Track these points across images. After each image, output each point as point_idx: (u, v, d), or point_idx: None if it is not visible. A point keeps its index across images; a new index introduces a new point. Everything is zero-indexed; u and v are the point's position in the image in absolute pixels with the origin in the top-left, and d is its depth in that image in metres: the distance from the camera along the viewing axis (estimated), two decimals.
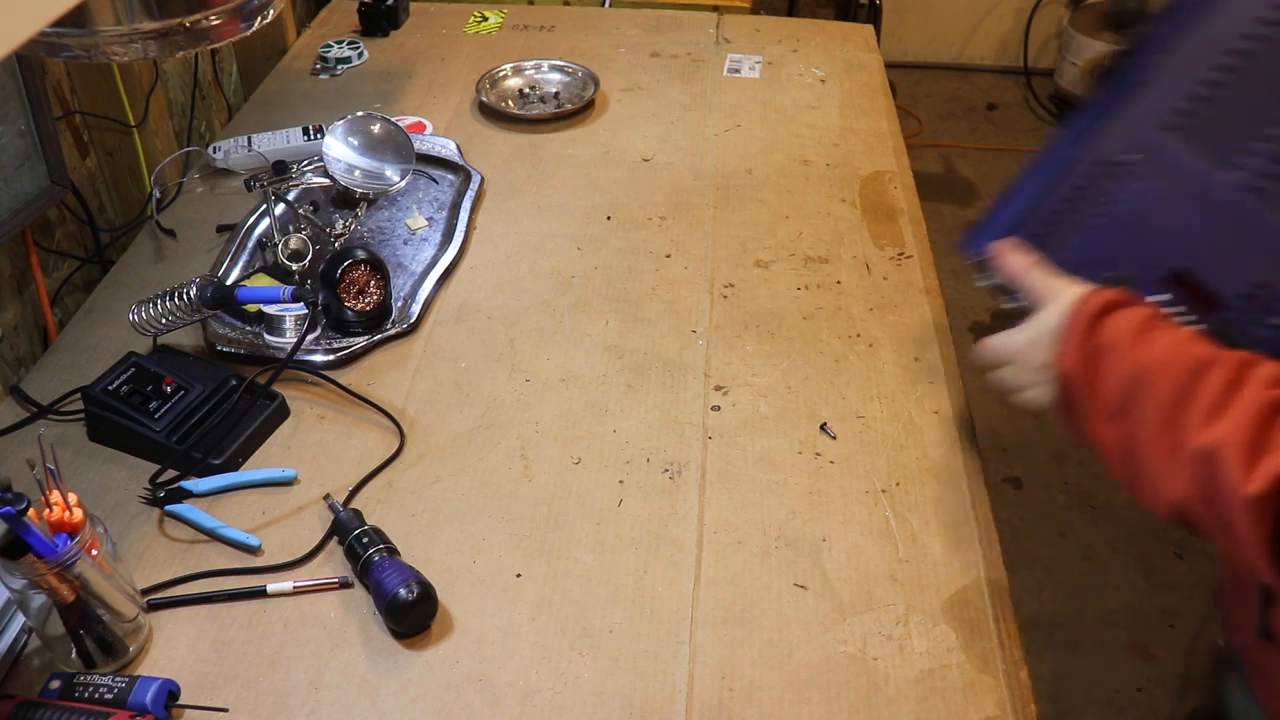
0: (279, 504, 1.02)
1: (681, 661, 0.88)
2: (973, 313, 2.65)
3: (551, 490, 1.02)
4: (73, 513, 0.83)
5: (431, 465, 1.05)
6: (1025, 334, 0.91)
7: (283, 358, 1.12)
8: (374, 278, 1.20)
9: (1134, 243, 0.92)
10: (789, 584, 0.93)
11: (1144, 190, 0.91)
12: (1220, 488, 0.75)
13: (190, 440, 1.04)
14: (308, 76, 1.74)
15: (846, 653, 0.88)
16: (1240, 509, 0.74)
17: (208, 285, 1.12)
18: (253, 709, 0.84)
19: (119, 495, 1.02)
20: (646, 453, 1.06)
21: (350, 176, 1.29)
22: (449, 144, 1.51)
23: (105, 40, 1.04)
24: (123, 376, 1.08)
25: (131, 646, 0.88)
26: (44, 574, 0.80)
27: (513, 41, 1.85)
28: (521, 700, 0.85)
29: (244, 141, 1.49)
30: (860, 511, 1.00)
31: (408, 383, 1.15)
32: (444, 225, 1.38)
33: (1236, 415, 0.76)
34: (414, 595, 0.88)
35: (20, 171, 1.19)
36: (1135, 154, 0.90)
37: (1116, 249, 0.92)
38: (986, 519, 1.00)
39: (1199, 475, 0.77)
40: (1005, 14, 3.62)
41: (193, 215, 1.41)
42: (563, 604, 0.92)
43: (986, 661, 0.87)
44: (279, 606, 0.92)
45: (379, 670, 0.87)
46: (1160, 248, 0.91)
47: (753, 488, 1.02)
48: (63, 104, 1.33)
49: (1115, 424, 0.83)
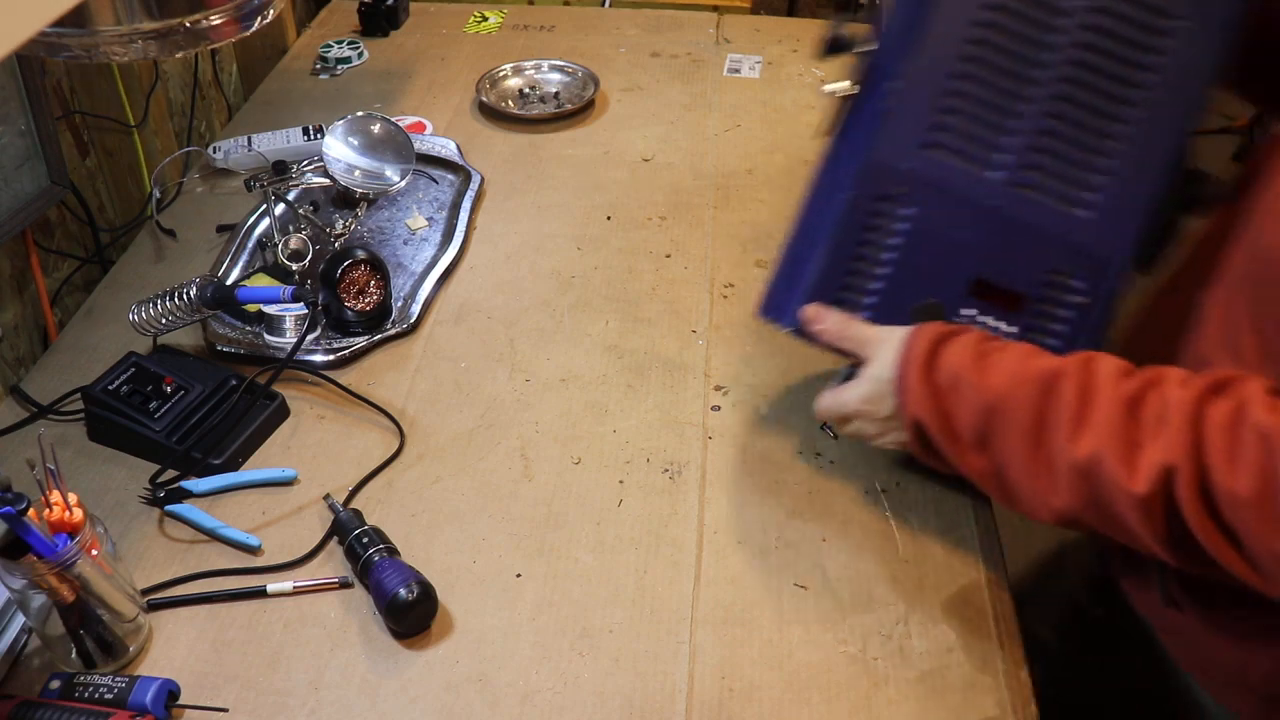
0: (279, 504, 1.02)
1: (681, 661, 0.88)
2: None
3: (551, 490, 1.02)
4: (73, 513, 0.83)
5: (431, 465, 1.05)
6: (861, 389, 0.91)
7: (283, 358, 1.12)
8: (374, 278, 1.20)
9: (929, 267, 0.93)
10: (789, 584, 0.93)
11: (922, 215, 0.93)
12: (1107, 493, 0.77)
13: (190, 440, 1.04)
14: (308, 76, 1.74)
15: (846, 653, 0.88)
16: (1131, 510, 0.76)
17: (208, 285, 1.12)
18: (253, 709, 0.84)
19: (119, 495, 1.02)
20: (646, 453, 1.06)
21: (350, 176, 1.29)
22: (449, 144, 1.51)
23: (105, 40, 1.04)
24: (123, 376, 1.08)
25: (131, 646, 0.88)
26: (44, 574, 0.80)
27: (513, 41, 1.85)
28: (521, 700, 0.85)
29: (244, 141, 1.49)
30: (860, 511, 1.00)
31: (408, 383, 1.15)
32: (444, 225, 1.38)
33: (1100, 421, 0.78)
34: (414, 595, 0.88)
35: (20, 171, 1.19)
36: (902, 185, 0.92)
37: (915, 279, 0.94)
38: (986, 519, 1.00)
39: (1082, 487, 0.78)
40: None
41: (193, 215, 1.41)
42: (563, 604, 0.92)
43: (986, 661, 0.87)
44: (279, 606, 0.92)
45: (379, 670, 0.87)
46: (954, 264, 0.93)
47: (753, 488, 1.02)
48: (63, 104, 1.33)
49: (979, 455, 0.84)
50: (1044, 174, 0.91)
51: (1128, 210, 0.90)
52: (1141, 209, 0.90)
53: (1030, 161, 0.91)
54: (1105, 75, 0.89)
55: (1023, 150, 0.91)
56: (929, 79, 0.91)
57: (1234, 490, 0.72)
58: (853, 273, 0.94)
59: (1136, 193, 0.90)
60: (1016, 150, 0.91)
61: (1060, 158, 0.90)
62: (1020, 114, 0.90)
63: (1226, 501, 0.73)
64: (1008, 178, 0.91)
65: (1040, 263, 0.92)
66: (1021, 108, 0.90)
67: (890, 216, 0.93)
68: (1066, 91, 0.89)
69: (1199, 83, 0.89)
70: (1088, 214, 0.90)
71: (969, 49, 0.90)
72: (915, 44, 0.91)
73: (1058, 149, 0.90)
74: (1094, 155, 0.90)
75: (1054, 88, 0.89)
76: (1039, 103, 0.90)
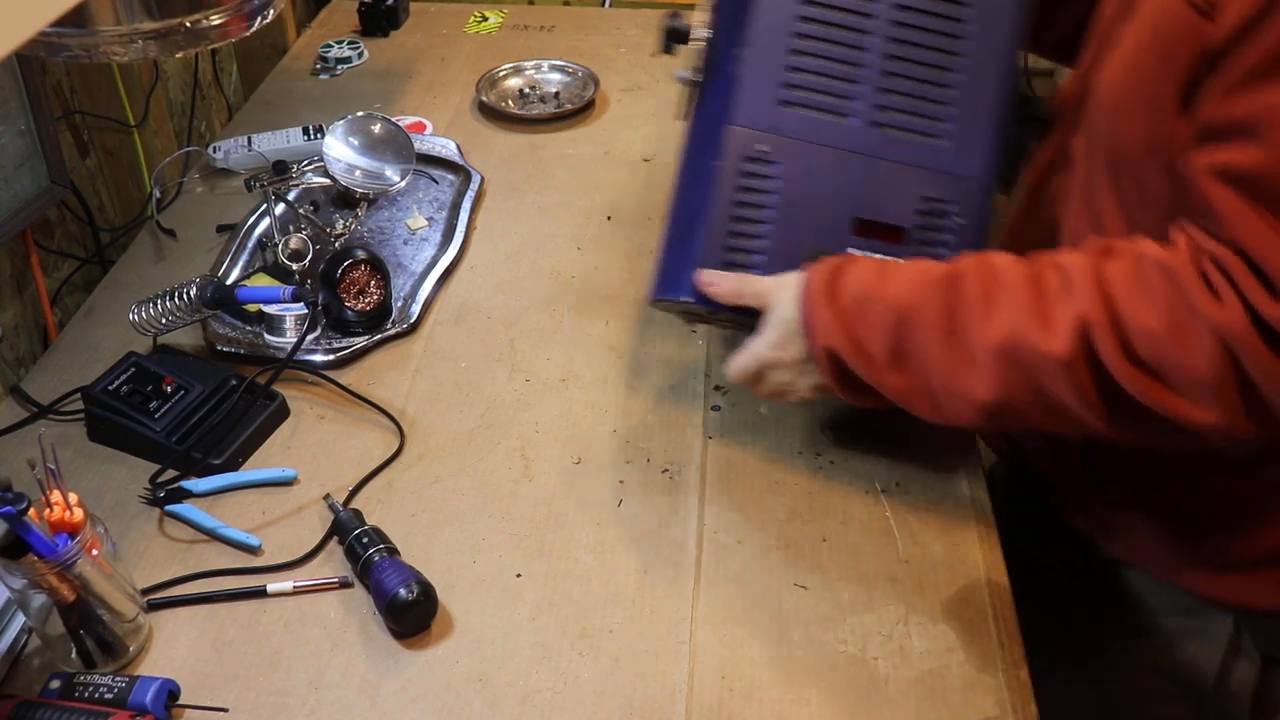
0: (279, 504, 1.02)
1: (681, 661, 0.88)
2: None
3: (551, 490, 1.02)
4: (73, 513, 0.83)
5: (431, 465, 1.05)
6: (768, 336, 0.94)
7: (283, 358, 1.12)
8: (374, 278, 1.20)
9: (808, 217, 0.98)
10: (789, 584, 0.93)
11: (790, 168, 0.98)
12: (1030, 366, 0.80)
13: (190, 440, 1.04)
14: (308, 76, 1.74)
15: (846, 653, 0.88)
16: (1057, 375, 0.79)
17: (208, 285, 1.12)
18: (253, 709, 0.84)
19: (119, 495, 1.02)
20: (646, 453, 1.06)
21: (350, 176, 1.29)
22: (449, 144, 1.51)
23: (105, 40, 1.04)
24: (123, 376, 1.08)
25: (131, 646, 0.88)
26: (44, 574, 0.80)
27: (513, 41, 1.85)
28: (521, 700, 0.85)
29: (244, 141, 1.49)
30: (860, 511, 1.00)
31: (408, 383, 1.15)
32: (444, 225, 1.38)
33: (1008, 300, 0.82)
34: (414, 595, 0.88)
35: (20, 171, 1.19)
36: (765, 143, 0.97)
37: (797, 230, 0.98)
38: (986, 519, 0.99)
39: (1004, 368, 0.81)
40: None
41: (193, 215, 1.41)
42: (563, 604, 0.92)
43: (986, 661, 0.87)
44: (279, 606, 0.92)
45: (379, 670, 0.87)
46: (832, 209, 0.98)
47: (753, 488, 1.02)
48: (63, 104, 1.33)
49: (897, 371, 0.87)
50: (897, 112, 0.98)
51: (980, 131, 0.98)
52: (991, 128, 0.98)
53: (882, 102, 0.98)
54: (929, 13, 0.97)
55: (873, 92, 0.97)
56: (771, 40, 0.97)
57: (1148, 326, 0.76)
58: (736, 234, 0.98)
59: (983, 115, 0.98)
60: (867, 94, 0.97)
61: (909, 95, 0.98)
62: (863, 61, 0.97)
63: (1143, 339, 0.76)
64: (865, 120, 0.97)
65: (912, 193, 0.98)
66: (863, 54, 0.97)
67: (761, 176, 0.97)
68: (900, 33, 0.97)
69: (1011, 15, 0.97)
70: (945, 141, 0.98)
71: (803, 8, 0.97)
72: (750, 13, 0.97)
73: (905, 87, 0.97)
74: (938, 87, 0.98)
75: (889, 30, 0.97)
76: (878, 47, 0.97)
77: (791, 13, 0.97)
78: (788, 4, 0.96)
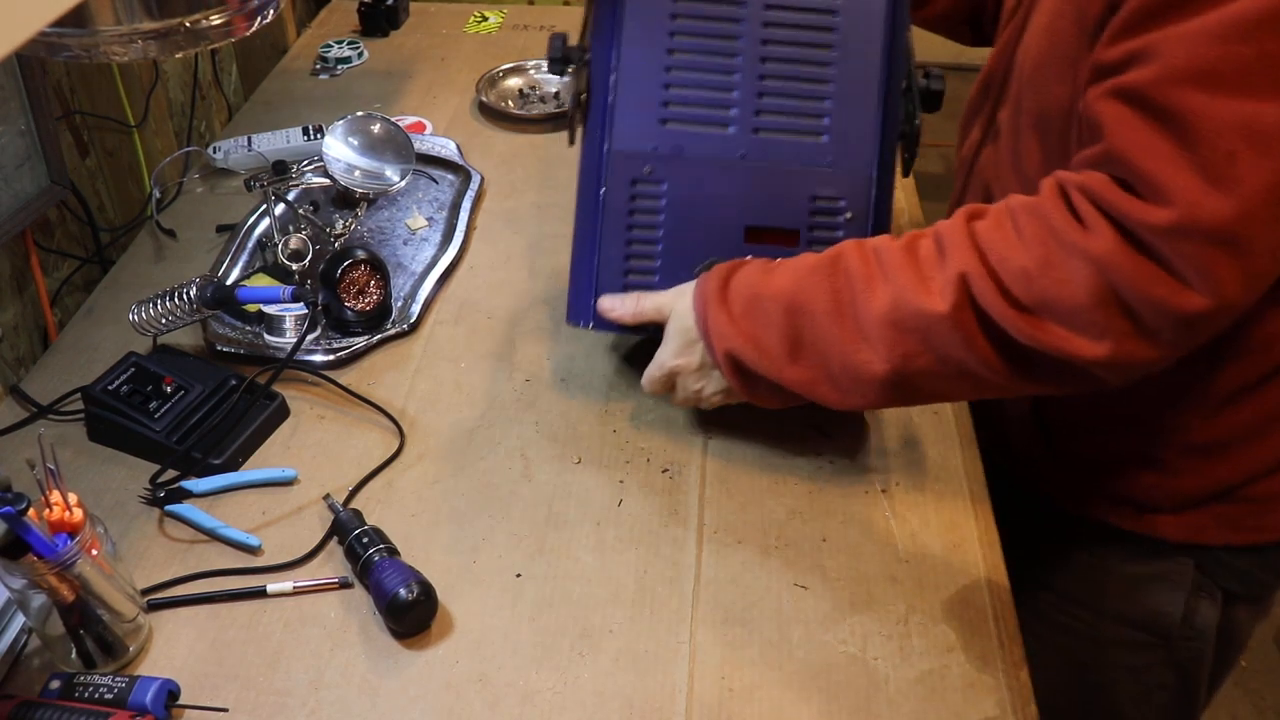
0: (279, 504, 1.02)
1: (681, 661, 0.88)
2: None
3: (551, 490, 1.02)
4: (73, 513, 0.83)
5: (431, 465, 1.05)
6: (670, 345, 0.97)
7: (283, 358, 1.12)
8: (374, 278, 1.20)
9: (699, 231, 1.00)
10: (789, 584, 0.93)
11: (675, 185, 1.00)
12: (919, 329, 0.82)
13: (190, 440, 1.04)
14: (308, 76, 1.74)
15: (846, 653, 0.88)
16: (946, 334, 0.81)
17: (208, 285, 1.12)
18: (253, 709, 0.84)
19: (119, 495, 1.02)
20: (646, 453, 1.06)
21: (350, 176, 1.29)
22: (449, 144, 1.51)
23: (105, 40, 1.04)
24: (123, 376, 1.08)
25: (131, 646, 0.88)
26: (44, 574, 0.80)
27: (513, 41, 1.85)
28: (521, 700, 0.85)
29: (244, 141, 1.49)
30: (860, 511, 1.00)
31: (408, 383, 1.15)
32: (444, 225, 1.38)
33: (888, 272, 0.85)
34: (414, 595, 0.88)
35: (20, 171, 1.19)
36: (647, 164, 0.99)
37: (690, 244, 1.01)
38: (987, 519, 0.99)
39: (894, 336, 0.83)
40: None
41: (193, 215, 1.41)
42: (563, 604, 0.92)
43: (986, 661, 0.87)
44: (279, 606, 0.92)
45: (379, 670, 0.87)
46: (722, 220, 1.00)
47: (753, 488, 1.02)
48: (63, 104, 1.33)
49: (796, 361, 0.89)
50: (775, 114, 0.99)
51: (861, 124, 0.99)
52: (873, 119, 0.99)
53: (759, 107, 0.99)
54: (798, 10, 0.98)
55: (749, 99, 0.99)
56: (641, 63, 0.99)
57: (1022, 265, 0.78)
58: (631, 256, 1.01)
59: (864, 107, 0.99)
60: (743, 102, 0.99)
61: (785, 96, 0.99)
62: (735, 69, 0.99)
63: (1019, 280, 0.78)
64: (744, 128, 0.99)
65: (801, 194, 1.00)
66: (735, 62, 0.98)
67: (647, 196, 1.00)
68: (770, 34, 0.98)
69: (883, 7, 0.99)
70: (826, 138, 0.99)
71: (671, 24, 0.98)
72: (620, 36, 0.99)
73: (780, 88, 0.99)
74: (815, 84, 0.99)
75: (759, 34, 0.98)
76: (749, 54, 0.98)
77: (659, 32, 0.98)
78: (654, 25, 0.98)
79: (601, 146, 1.00)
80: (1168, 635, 1.06)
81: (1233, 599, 1.05)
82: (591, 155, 1.02)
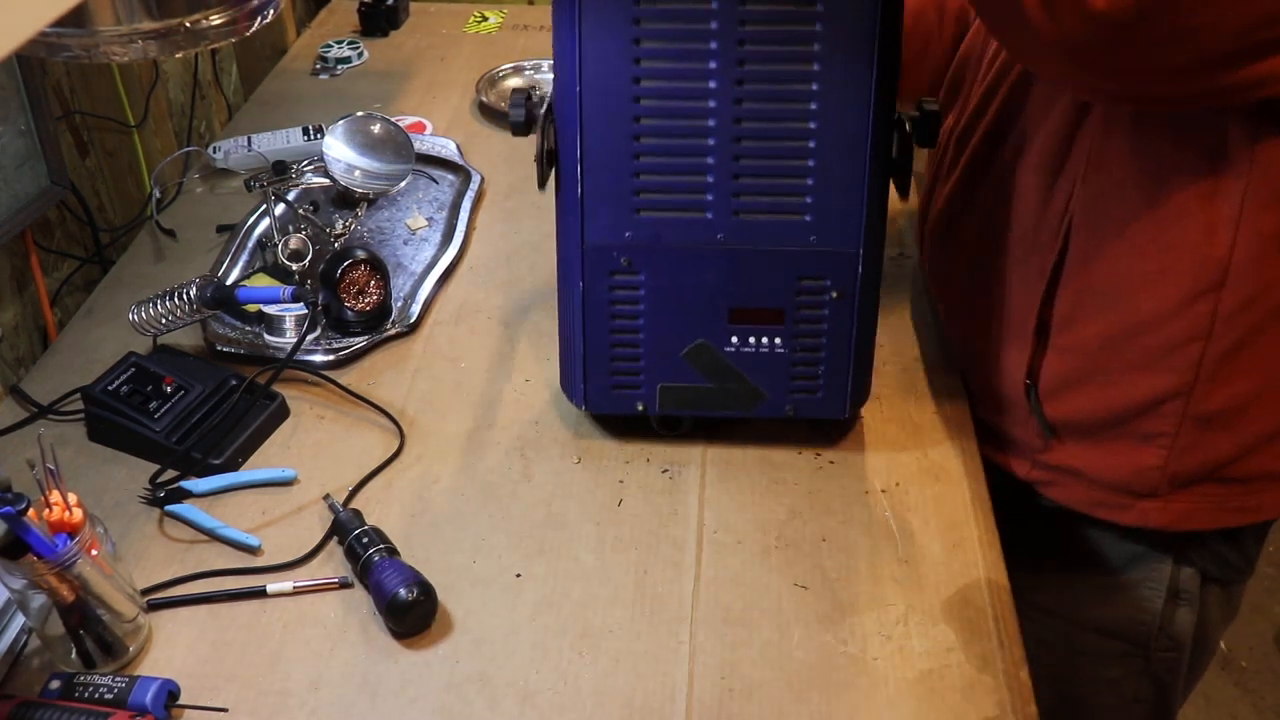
0: (279, 504, 1.02)
1: (681, 661, 0.88)
2: None
3: (551, 490, 1.02)
4: (73, 513, 0.83)
5: (431, 465, 1.05)
6: None
7: (283, 358, 1.12)
8: (374, 278, 1.20)
9: (683, 316, 0.99)
10: (789, 584, 0.93)
11: (656, 275, 0.98)
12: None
13: (190, 440, 1.04)
14: (308, 76, 1.74)
15: (846, 653, 0.88)
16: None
17: (208, 285, 1.12)
18: (253, 709, 0.84)
19: (119, 495, 1.02)
20: (646, 453, 1.06)
21: (350, 176, 1.29)
22: (449, 144, 1.51)
23: (105, 40, 1.04)
24: (123, 376, 1.08)
25: (131, 646, 0.88)
26: (44, 574, 0.80)
27: (513, 41, 1.85)
28: (521, 700, 0.85)
29: (244, 141, 1.49)
30: (860, 511, 1.00)
31: (408, 383, 1.15)
32: (444, 225, 1.38)
33: None
34: (414, 595, 0.88)
35: (20, 171, 1.19)
36: (624, 255, 0.97)
37: (675, 329, 1.00)
38: (987, 519, 0.99)
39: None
40: None
41: (193, 215, 1.41)
42: (563, 604, 0.92)
43: (986, 661, 0.87)
44: (279, 606, 0.92)
45: (379, 670, 0.87)
46: (706, 305, 0.98)
47: (753, 488, 1.02)
48: (63, 104, 1.33)
49: None
50: (754, 195, 0.94)
51: (845, 199, 0.94)
52: (858, 197, 0.94)
53: (736, 189, 0.94)
54: (773, 83, 0.91)
55: (725, 180, 0.94)
56: (611, 147, 0.94)
57: None
58: (616, 345, 1.01)
59: (847, 182, 0.93)
60: (719, 184, 0.94)
61: (764, 175, 0.94)
62: (710, 150, 0.93)
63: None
64: (722, 212, 0.95)
65: (784, 275, 0.97)
66: (710, 143, 0.93)
67: (626, 287, 0.98)
68: (742, 111, 0.92)
69: (861, 79, 0.90)
70: (808, 217, 0.95)
71: (635, 108, 0.92)
72: (583, 122, 0.93)
73: (758, 168, 0.93)
74: (793, 160, 0.93)
75: (730, 111, 0.91)
76: (723, 134, 0.92)
77: (624, 119, 0.92)
78: (619, 112, 0.92)
79: (577, 239, 0.97)
80: (1145, 645, 1.08)
81: (1209, 581, 1.06)
82: (568, 248, 0.99)
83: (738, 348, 1.00)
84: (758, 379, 1.01)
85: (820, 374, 1.01)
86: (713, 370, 1.01)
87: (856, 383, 1.02)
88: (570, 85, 0.92)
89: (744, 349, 1.00)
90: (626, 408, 1.04)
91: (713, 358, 1.00)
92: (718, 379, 1.01)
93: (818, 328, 0.99)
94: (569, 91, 0.92)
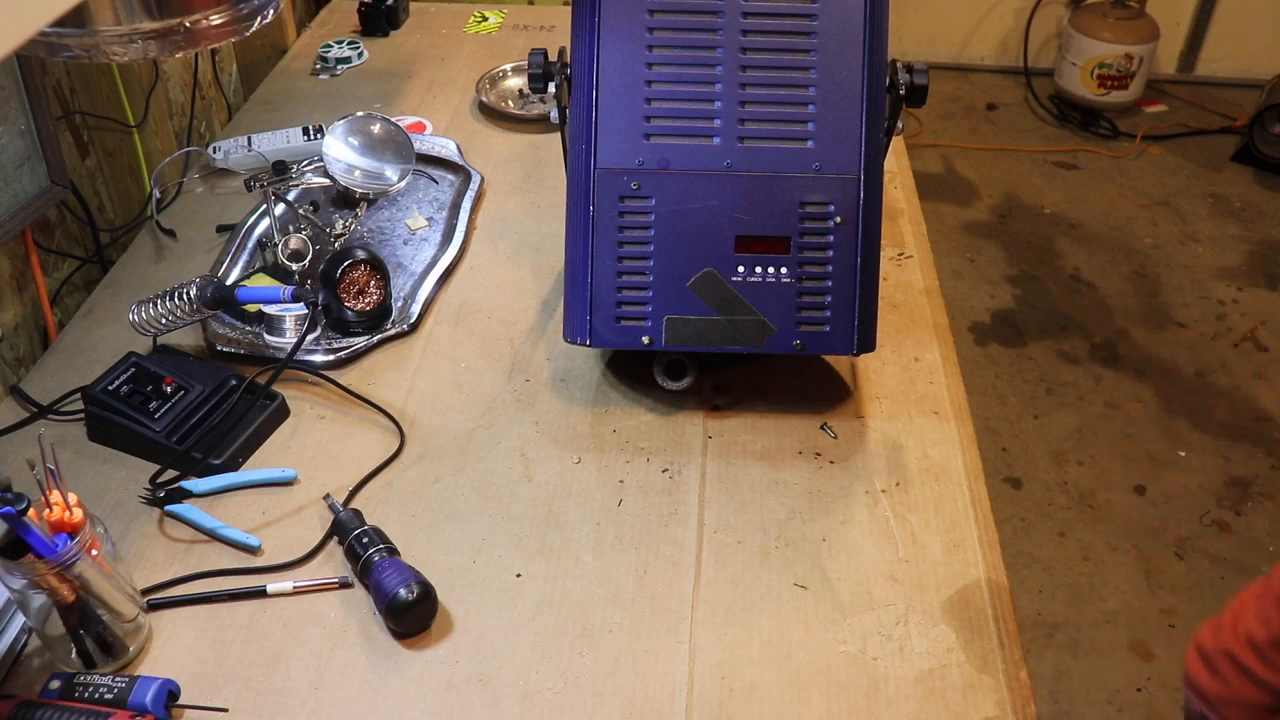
0: (279, 504, 1.02)
1: (681, 661, 0.88)
2: (973, 313, 2.65)
3: (551, 490, 1.02)
4: (73, 513, 0.83)
5: (431, 465, 1.05)
6: None
7: (283, 358, 1.12)
8: (374, 278, 1.20)
9: (690, 243, 1.02)
10: (789, 584, 0.93)
11: (664, 199, 1.01)
12: None
13: (190, 440, 1.04)
14: (308, 76, 1.74)
15: (846, 653, 0.88)
16: None
17: (208, 285, 1.12)
18: (253, 709, 0.84)
19: (119, 495, 1.02)
20: (646, 453, 1.06)
21: (350, 176, 1.29)
22: (449, 144, 1.51)
23: (105, 40, 1.04)
24: (123, 376, 1.08)
25: (131, 646, 0.88)
26: (44, 574, 0.80)
27: (513, 41, 1.85)
28: (521, 700, 0.85)
29: (244, 141, 1.49)
30: (860, 511, 1.00)
31: (408, 383, 1.15)
32: (444, 225, 1.38)
33: None
34: (414, 595, 0.88)
35: (20, 171, 1.19)
36: (634, 180, 1.01)
37: (681, 256, 1.02)
38: (986, 519, 1.00)
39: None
40: (1005, 14, 3.61)
41: (193, 215, 1.41)
42: (563, 604, 0.92)
43: (986, 661, 0.87)
44: (279, 606, 0.92)
45: (379, 670, 0.87)
46: (713, 231, 1.02)
47: (753, 488, 1.02)
48: (63, 104, 1.33)
49: None
50: (760, 122, 1.01)
51: (846, 127, 1.01)
52: (857, 122, 1.01)
53: (742, 116, 1.01)
54: (775, 16, 1.00)
55: (733, 109, 1.01)
56: (623, 77, 1.01)
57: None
58: (624, 272, 1.03)
59: (847, 111, 1.01)
60: (727, 112, 1.01)
61: (769, 104, 1.01)
62: (717, 79, 1.00)
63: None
64: (729, 138, 1.00)
65: (789, 201, 1.01)
66: (715, 73, 1.00)
67: (635, 212, 1.01)
68: (749, 43, 1.00)
69: (861, 8, 1.01)
70: (812, 144, 1.01)
71: (648, 37, 1.00)
72: (599, 52, 1.01)
73: (764, 96, 1.01)
74: (796, 89, 1.01)
75: (738, 41, 1.00)
76: (730, 63, 1.00)
77: (637, 46, 1.00)
78: (632, 39, 1.00)
79: (587, 164, 1.01)
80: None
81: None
82: (578, 173, 1.02)
83: (744, 277, 1.02)
84: (765, 310, 1.02)
85: (827, 304, 1.02)
86: (719, 301, 1.02)
87: (863, 319, 1.04)
88: (590, 12, 0.99)
89: (750, 279, 1.02)
90: (632, 341, 1.04)
91: (720, 287, 1.01)
92: (725, 310, 1.02)
93: (823, 255, 1.01)
94: (587, 20, 1.00)
